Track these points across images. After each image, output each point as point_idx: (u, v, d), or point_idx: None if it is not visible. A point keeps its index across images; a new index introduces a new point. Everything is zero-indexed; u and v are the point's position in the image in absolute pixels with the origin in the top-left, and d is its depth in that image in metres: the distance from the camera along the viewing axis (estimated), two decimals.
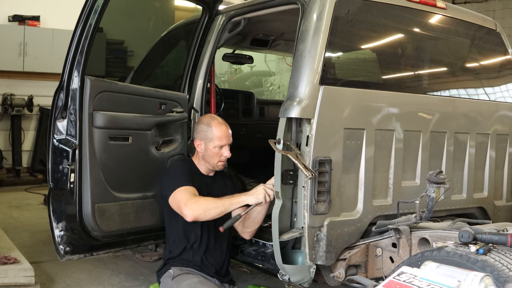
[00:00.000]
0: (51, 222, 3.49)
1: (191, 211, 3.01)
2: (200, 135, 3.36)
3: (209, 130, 3.32)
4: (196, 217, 3.03)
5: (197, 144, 3.36)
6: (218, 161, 3.34)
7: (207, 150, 3.32)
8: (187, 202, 3.03)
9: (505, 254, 2.37)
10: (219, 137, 3.30)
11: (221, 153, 3.32)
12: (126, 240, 3.74)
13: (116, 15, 5.47)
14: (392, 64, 3.67)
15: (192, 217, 3.02)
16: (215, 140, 3.30)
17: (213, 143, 3.30)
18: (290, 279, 2.98)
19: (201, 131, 3.36)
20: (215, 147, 3.30)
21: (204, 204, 3.02)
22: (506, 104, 3.94)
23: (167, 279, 3.24)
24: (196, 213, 3.01)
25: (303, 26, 3.04)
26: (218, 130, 3.32)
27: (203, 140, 3.33)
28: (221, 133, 3.32)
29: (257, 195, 3.05)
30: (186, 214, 3.03)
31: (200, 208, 3.01)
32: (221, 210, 3.03)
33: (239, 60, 5.64)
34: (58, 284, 4.13)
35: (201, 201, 3.05)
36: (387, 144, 3.21)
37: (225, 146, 3.32)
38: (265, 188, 3.05)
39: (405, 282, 1.97)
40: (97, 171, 3.34)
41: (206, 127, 3.34)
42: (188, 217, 3.03)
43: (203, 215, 3.02)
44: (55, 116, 3.44)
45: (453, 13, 3.72)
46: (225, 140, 3.32)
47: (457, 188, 3.57)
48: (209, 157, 3.34)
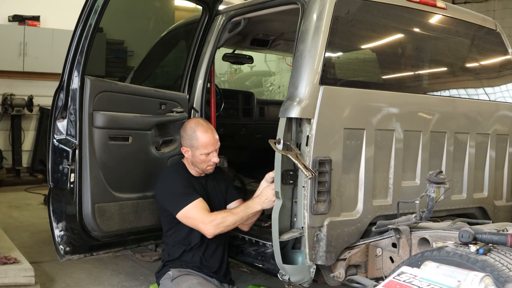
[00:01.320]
0: (51, 222, 3.50)
1: (212, 230, 3.11)
2: (186, 142, 3.33)
3: (194, 138, 3.28)
4: (217, 234, 3.15)
5: (184, 151, 3.34)
6: (207, 166, 3.34)
7: (195, 157, 3.30)
8: (205, 222, 3.11)
9: (505, 254, 2.36)
10: (205, 145, 3.27)
11: (209, 159, 3.30)
12: (126, 240, 3.74)
13: (116, 15, 5.46)
14: (392, 64, 3.67)
15: (213, 235, 3.14)
16: (201, 148, 3.27)
17: (199, 151, 3.27)
18: (290, 279, 2.98)
19: (187, 138, 3.32)
20: (201, 154, 3.28)
21: (223, 224, 3.12)
22: (506, 104, 3.94)
23: (166, 281, 3.24)
24: (218, 231, 3.13)
25: (303, 26, 3.04)
26: (203, 138, 3.27)
27: (189, 148, 3.30)
28: (207, 140, 3.27)
29: (268, 201, 3.12)
30: (207, 233, 3.14)
31: (220, 227, 3.11)
32: (239, 223, 3.19)
33: (239, 60, 5.63)
34: (58, 284, 4.13)
35: (218, 219, 3.12)
36: (387, 144, 3.21)
37: (212, 152, 3.30)
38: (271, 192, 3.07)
39: (405, 282, 1.97)
40: (97, 171, 3.35)
41: (191, 134, 3.30)
42: (209, 235, 3.15)
43: (223, 231, 3.16)
44: (55, 116, 3.45)
45: (453, 13, 3.72)
46: (211, 147, 3.29)
47: (457, 188, 3.57)
48: (197, 163, 3.32)
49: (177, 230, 3.28)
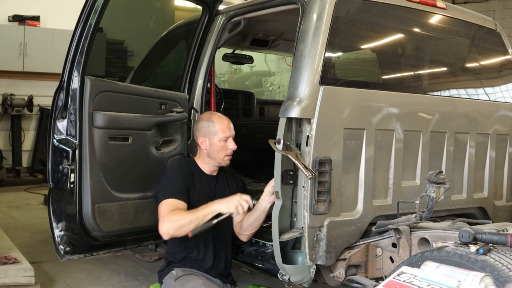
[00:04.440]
0: (51, 222, 3.50)
1: (165, 229, 2.95)
2: (202, 132, 3.32)
3: (211, 125, 3.30)
4: (172, 235, 2.97)
5: (201, 141, 3.31)
6: (224, 156, 3.30)
7: (212, 145, 3.28)
8: (163, 219, 2.98)
9: (505, 254, 2.36)
10: (223, 129, 3.28)
11: (227, 146, 3.29)
12: (126, 240, 3.74)
13: (116, 15, 5.46)
14: (392, 64, 3.67)
15: (167, 235, 2.97)
16: (219, 133, 3.27)
17: (217, 136, 3.27)
18: (290, 279, 2.97)
19: (203, 127, 3.32)
20: (220, 140, 3.27)
21: (176, 222, 2.94)
22: (506, 104, 3.94)
23: (169, 280, 3.22)
24: (171, 231, 2.95)
25: (303, 26, 3.04)
26: (221, 123, 3.30)
27: (207, 135, 3.29)
28: (224, 125, 3.30)
29: (229, 204, 2.98)
30: (161, 233, 2.97)
31: (173, 226, 2.94)
32: (195, 223, 2.94)
33: (239, 60, 5.64)
34: (58, 284, 4.13)
35: (173, 218, 2.96)
36: (387, 144, 3.21)
37: (229, 138, 3.30)
38: (240, 200, 2.98)
39: (405, 282, 1.97)
40: (97, 171, 3.34)
41: (207, 122, 3.32)
42: (163, 236, 2.97)
43: (177, 232, 2.95)
44: (55, 116, 3.45)
45: (453, 13, 3.72)
46: (228, 131, 3.30)
47: (457, 188, 3.57)
48: (215, 152, 3.29)
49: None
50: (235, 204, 2.97)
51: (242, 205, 2.97)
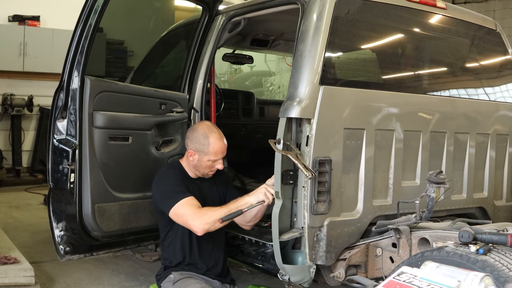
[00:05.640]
0: (51, 222, 3.50)
1: (201, 226, 3.01)
2: (194, 146, 3.25)
3: (206, 144, 3.22)
4: (207, 230, 3.03)
5: (190, 154, 3.27)
6: (209, 171, 3.31)
7: (200, 162, 3.25)
8: (194, 217, 3.02)
9: (505, 254, 2.36)
10: (215, 153, 3.23)
11: (214, 166, 3.28)
12: (126, 240, 3.74)
13: (116, 15, 5.47)
14: (392, 64, 3.67)
15: (202, 231, 3.03)
16: (211, 155, 3.23)
17: (208, 157, 3.23)
18: (290, 279, 2.97)
19: (197, 142, 3.25)
20: (209, 160, 3.24)
21: (211, 217, 3.01)
22: (506, 104, 3.94)
23: (168, 284, 3.22)
24: (206, 227, 3.01)
25: (303, 26, 3.04)
26: (216, 146, 3.23)
27: (198, 152, 3.24)
28: (218, 149, 3.24)
29: (257, 194, 3.05)
30: (196, 229, 3.03)
31: (209, 221, 3.00)
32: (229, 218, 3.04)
33: (239, 60, 5.64)
34: (58, 284, 4.13)
35: (208, 213, 3.03)
36: (387, 144, 3.21)
37: (219, 159, 3.28)
38: (267, 188, 3.05)
39: (405, 282, 1.97)
40: (97, 171, 3.35)
41: (203, 138, 3.23)
42: (198, 232, 3.04)
43: (212, 227, 3.03)
44: (55, 116, 3.45)
45: (453, 13, 3.72)
46: (220, 155, 3.26)
47: (457, 188, 3.57)
48: (200, 168, 3.28)
49: (174, 232, 3.25)
50: (263, 193, 3.04)
51: (270, 191, 3.02)
